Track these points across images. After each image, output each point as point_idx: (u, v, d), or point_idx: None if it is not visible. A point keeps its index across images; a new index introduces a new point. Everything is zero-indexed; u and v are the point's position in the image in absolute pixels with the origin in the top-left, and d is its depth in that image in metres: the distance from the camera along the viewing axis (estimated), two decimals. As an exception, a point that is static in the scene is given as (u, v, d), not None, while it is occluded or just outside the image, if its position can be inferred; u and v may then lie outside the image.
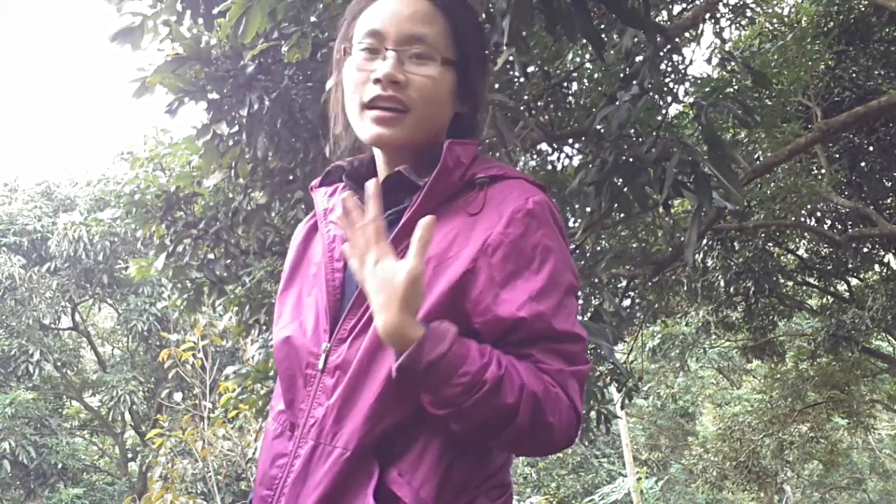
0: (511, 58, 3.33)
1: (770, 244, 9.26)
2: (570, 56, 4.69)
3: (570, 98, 4.76)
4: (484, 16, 2.45)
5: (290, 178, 3.95)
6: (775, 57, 6.34)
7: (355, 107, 1.10)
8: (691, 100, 3.35)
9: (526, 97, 4.08)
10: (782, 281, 9.96)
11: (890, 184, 8.54)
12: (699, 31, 4.77)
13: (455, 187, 1.08)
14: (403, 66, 1.07)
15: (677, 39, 4.19)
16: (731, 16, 6.19)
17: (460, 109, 1.15)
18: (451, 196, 1.08)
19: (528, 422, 0.96)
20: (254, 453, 5.85)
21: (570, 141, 4.67)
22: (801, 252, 10.27)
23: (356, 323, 1.05)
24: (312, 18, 2.91)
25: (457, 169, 1.08)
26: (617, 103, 3.03)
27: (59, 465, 15.33)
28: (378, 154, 1.17)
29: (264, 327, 4.96)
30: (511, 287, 1.00)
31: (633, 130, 3.40)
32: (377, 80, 1.06)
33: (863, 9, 7.30)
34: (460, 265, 1.01)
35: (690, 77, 4.39)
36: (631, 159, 2.97)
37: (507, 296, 1.00)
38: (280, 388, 1.15)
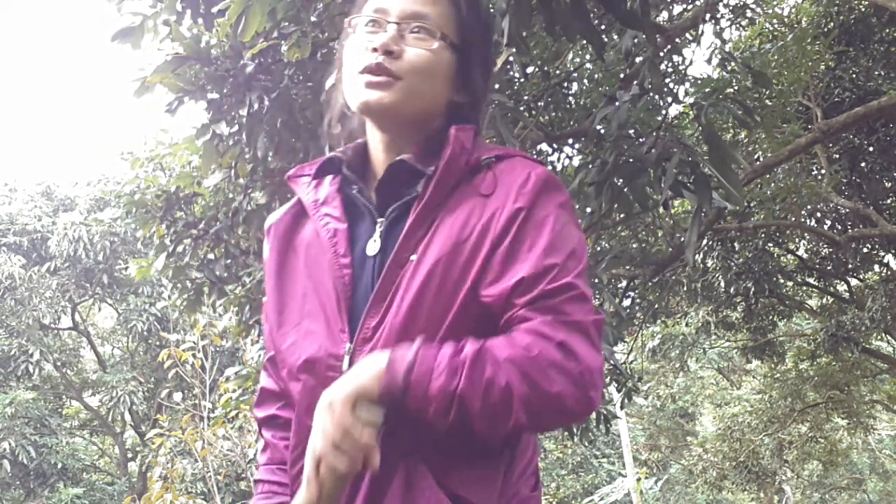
0: (511, 58, 3.33)
1: (770, 244, 9.26)
2: (570, 56, 4.69)
3: (570, 98, 4.76)
4: (484, 16, 2.44)
5: (290, 178, 3.94)
6: (775, 57, 6.33)
7: (350, 77, 1.11)
8: (691, 100, 3.35)
9: (526, 97, 4.08)
10: (782, 281, 9.96)
11: (890, 184, 8.54)
12: (699, 32, 4.77)
13: (461, 173, 1.07)
14: (403, 40, 1.09)
15: (677, 40, 4.19)
16: (731, 16, 6.18)
17: (457, 98, 1.14)
18: (458, 181, 1.07)
19: (527, 398, 0.92)
20: (254, 454, 5.85)
21: (570, 141, 4.66)
22: (800, 252, 10.27)
23: (379, 321, 1.02)
24: (312, 18, 2.91)
25: (462, 155, 1.07)
26: (617, 103, 3.03)
27: (59, 465, 15.32)
28: (374, 138, 1.15)
29: (264, 327, 4.94)
30: (517, 257, 1.00)
31: (633, 131, 3.40)
32: (374, 50, 1.08)
33: (863, 9, 7.30)
34: (482, 246, 1.00)
35: (690, 77, 4.39)
36: (631, 160, 2.97)
37: (514, 264, 1.00)
38: (300, 405, 1.08)
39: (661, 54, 3.64)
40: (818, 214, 9.05)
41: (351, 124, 1.20)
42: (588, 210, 3.44)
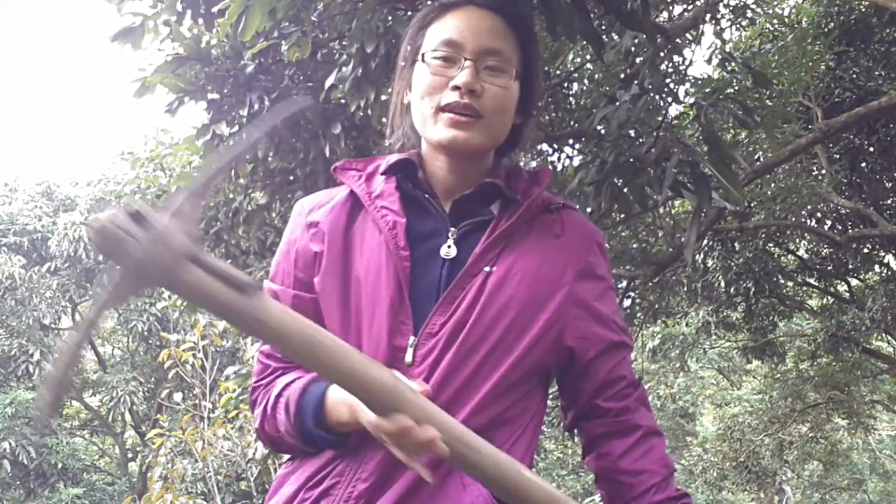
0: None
1: (770, 245, 9.25)
2: (570, 56, 4.70)
3: (570, 98, 4.77)
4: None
5: (291, 178, 3.95)
6: (776, 57, 6.32)
7: (428, 110, 1.14)
8: (691, 100, 3.35)
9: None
10: (782, 281, 9.95)
11: (890, 184, 8.54)
12: (699, 32, 4.77)
13: (539, 208, 1.19)
14: (479, 76, 1.14)
15: (678, 40, 4.19)
16: (731, 16, 6.18)
17: (517, 121, 1.23)
18: (535, 215, 1.18)
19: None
20: (254, 453, 5.85)
21: (570, 141, 4.67)
22: (801, 253, 10.27)
23: (447, 319, 1.09)
24: (312, 18, 2.91)
25: (541, 193, 1.20)
26: (617, 104, 3.03)
27: (59, 465, 15.32)
28: (437, 158, 1.20)
29: (264, 327, 4.94)
30: (603, 306, 1.18)
31: (633, 131, 3.40)
32: (455, 87, 1.12)
33: (863, 9, 7.29)
34: (561, 283, 1.14)
35: (691, 77, 4.39)
36: (631, 159, 2.97)
37: (602, 313, 1.18)
38: None
39: (662, 54, 3.64)
40: (818, 214, 9.03)
41: (410, 141, 1.25)
42: (588, 210, 3.44)
